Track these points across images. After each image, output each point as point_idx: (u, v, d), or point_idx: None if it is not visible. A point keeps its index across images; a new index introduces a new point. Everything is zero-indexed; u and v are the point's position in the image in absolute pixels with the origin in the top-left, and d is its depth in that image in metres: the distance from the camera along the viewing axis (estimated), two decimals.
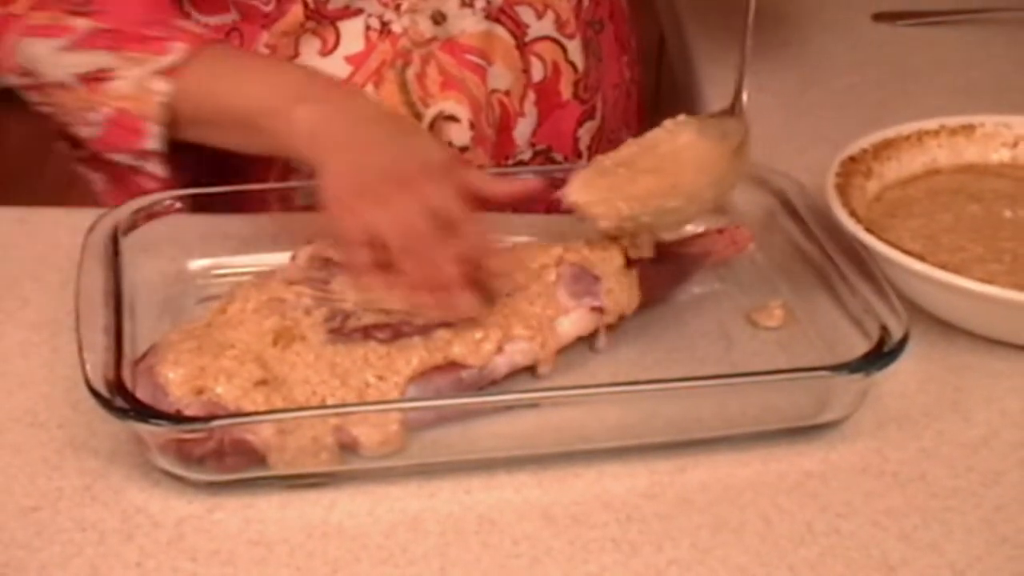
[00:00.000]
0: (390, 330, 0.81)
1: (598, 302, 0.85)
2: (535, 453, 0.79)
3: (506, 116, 1.07)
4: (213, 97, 0.95)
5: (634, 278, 0.87)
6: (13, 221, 1.01)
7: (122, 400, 0.74)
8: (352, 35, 1.03)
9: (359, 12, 1.03)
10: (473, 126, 1.05)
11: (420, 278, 0.82)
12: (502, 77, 1.06)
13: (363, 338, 0.81)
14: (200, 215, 0.95)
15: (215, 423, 0.74)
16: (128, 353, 0.78)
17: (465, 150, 1.05)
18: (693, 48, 1.32)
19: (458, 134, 1.05)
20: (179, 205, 0.93)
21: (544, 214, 0.99)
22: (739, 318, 0.91)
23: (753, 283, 0.94)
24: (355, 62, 1.03)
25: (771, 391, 0.81)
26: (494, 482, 0.77)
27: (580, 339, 0.86)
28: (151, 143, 0.95)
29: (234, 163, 1.02)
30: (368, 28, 1.03)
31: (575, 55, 1.10)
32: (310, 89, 0.93)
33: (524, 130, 1.09)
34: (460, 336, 0.81)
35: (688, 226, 0.95)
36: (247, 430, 0.75)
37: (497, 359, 0.82)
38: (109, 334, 0.78)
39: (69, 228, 0.95)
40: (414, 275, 0.83)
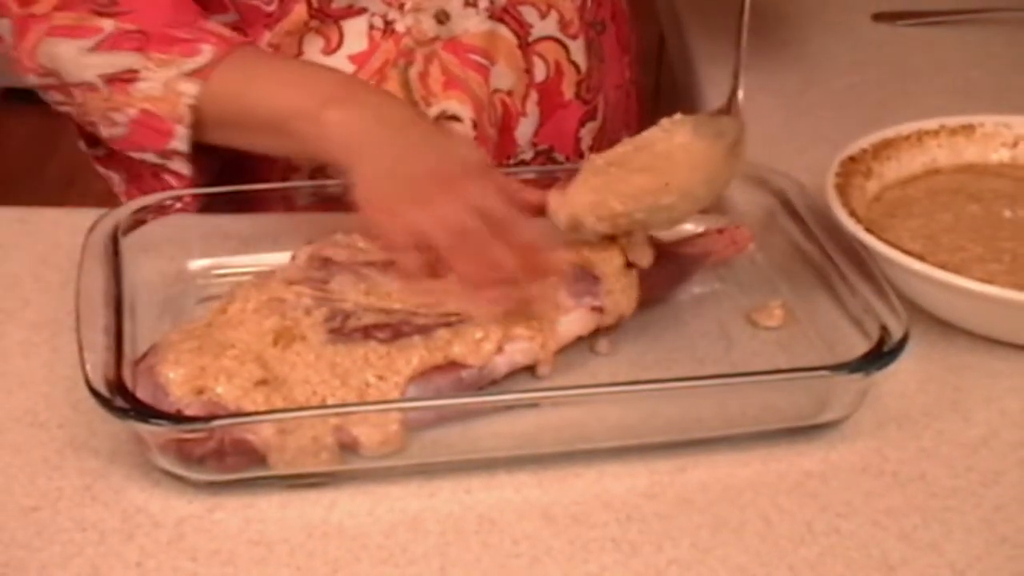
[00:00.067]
0: (390, 330, 0.81)
1: (598, 302, 0.85)
2: (535, 453, 0.79)
3: (508, 116, 1.07)
4: (241, 99, 0.94)
5: (634, 278, 0.88)
6: (13, 221, 1.01)
7: (122, 400, 0.74)
8: (355, 34, 1.03)
9: (363, 11, 1.02)
10: (475, 126, 1.05)
11: (477, 274, 0.83)
12: (505, 77, 1.06)
13: (363, 338, 0.81)
14: (200, 215, 0.95)
15: (215, 423, 0.74)
16: (128, 353, 0.78)
17: None
18: (693, 48, 1.32)
19: (460, 134, 1.05)
20: (179, 205, 0.94)
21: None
22: (739, 318, 0.91)
23: (753, 283, 0.94)
24: (358, 61, 1.03)
25: (771, 391, 0.81)
26: (494, 482, 0.78)
27: (580, 340, 0.86)
28: (177, 144, 0.95)
29: (236, 163, 1.02)
30: (371, 27, 1.03)
31: (578, 55, 1.10)
32: (340, 91, 0.92)
33: (526, 130, 1.09)
34: (460, 336, 0.81)
35: (688, 226, 0.95)
36: (247, 430, 0.75)
37: (497, 359, 0.82)
38: (109, 334, 0.78)
39: (69, 228, 0.95)
40: (469, 273, 0.83)
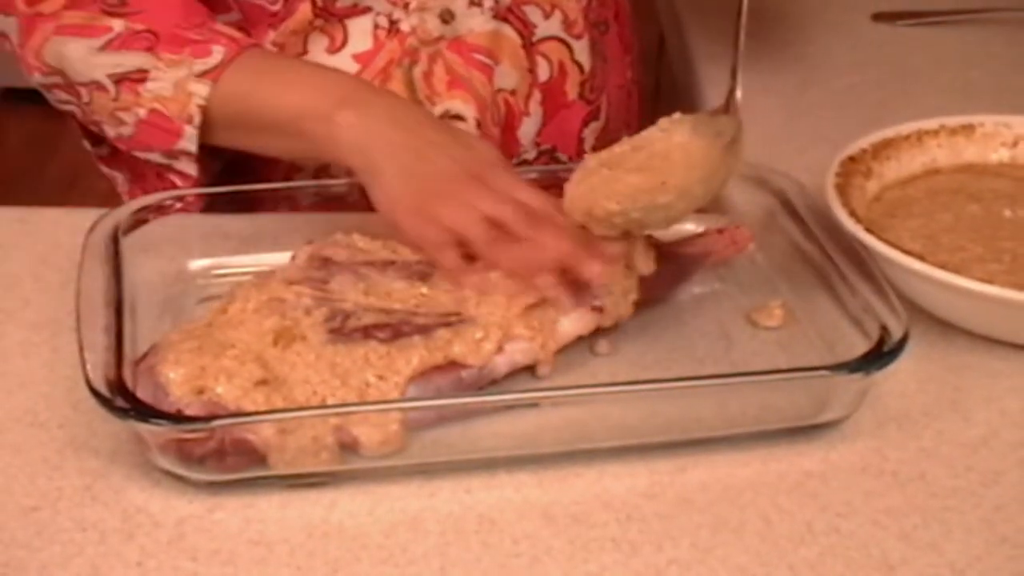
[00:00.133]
0: (390, 330, 0.81)
1: (598, 302, 0.85)
2: (535, 453, 0.79)
3: (511, 116, 1.07)
4: (251, 100, 0.93)
5: (634, 279, 0.87)
6: (13, 221, 1.01)
7: (123, 400, 0.74)
8: (360, 33, 1.03)
9: (367, 10, 1.02)
10: (479, 125, 1.05)
11: (523, 264, 0.83)
12: (508, 76, 1.06)
13: (363, 338, 0.81)
14: (200, 215, 0.95)
15: (216, 423, 0.74)
16: (129, 353, 0.78)
17: None
18: (693, 48, 1.32)
19: None
20: (179, 205, 0.93)
21: None
22: (739, 318, 0.91)
23: (753, 283, 0.94)
24: (363, 60, 1.03)
25: (771, 391, 0.81)
26: (494, 482, 0.78)
27: (580, 340, 0.86)
28: (185, 144, 0.95)
29: (239, 163, 1.02)
30: (376, 26, 1.03)
31: (582, 55, 1.10)
32: (351, 93, 0.91)
33: (529, 130, 1.09)
34: (460, 336, 0.81)
35: (688, 226, 0.95)
36: (248, 430, 0.75)
37: (497, 359, 0.82)
38: (110, 334, 0.78)
39: (70, 228, 0.95)
40: (514, 263, 0.83)
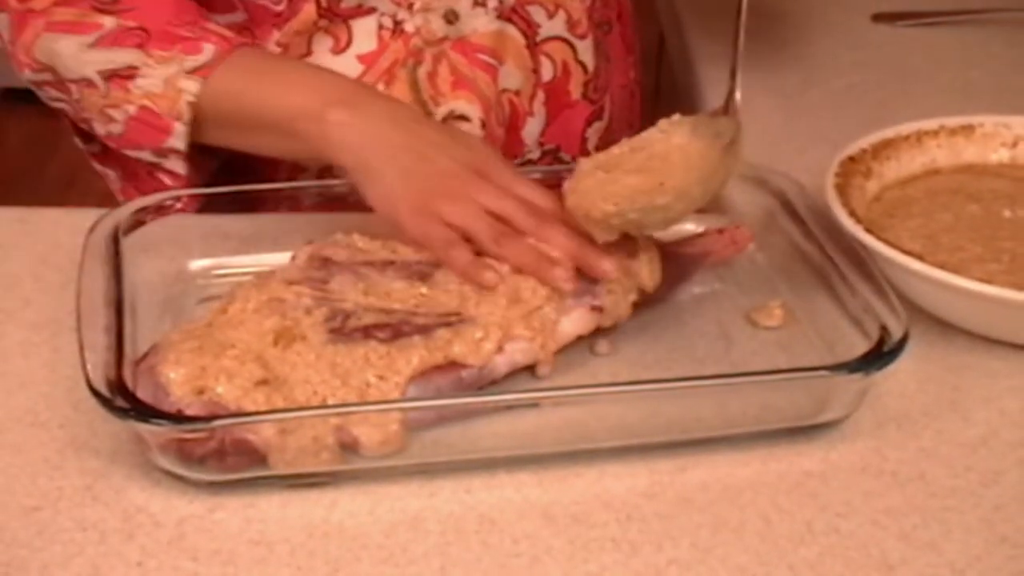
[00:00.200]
0: (390, 330, 0.81)
1: (598, 301, 0.85)
2: (535, 453, 0.79)
3: (515, 116, 1.08)
4: (243, 99, 0.94)
5: (634, 281, 0.87)
6: (14, 221, 1.01)
7: (123, 400, 0.74)
8: (364, 34, 1.03)
9: (372, 11, 1.02)
10: (483, 125, 1.05)
11: (531, 260, 0.83)
12: (513, 76, 1.06)
13: (363, 338, 0.81)
14: (200, 215, 0.95)
15: (216, 423, 0.74)
16: (129, 353, 0.78)
17: None
18: (693, 48, 1.32)
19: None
20: (179, 205, 0.94)
21: None
22: (739, 318, 0.91)
23: (753, 283, 0.94)
24: (367, 61, 1.03)
25: (771, 391, 0.81)
26: (495, 482, 0.78)
27: (580, 340, 0.86)
28: (175, 141, 0.95)
29: (242, 163, 1.02)
30: (380, 27, 1.03)
31: (585, 55, 1.10)
32: (345, 93, 0.92)
33: (533, 130, 1.09)
34: (460, 336, 0.81)
35: (688, 226, 0.95)
36: (248, 430, 0.75)
37: (497, 358, 0.82)
38: (110, 334, 0.79)
39: (70, 228, 0.95)
40: (522, 259, 0.84)
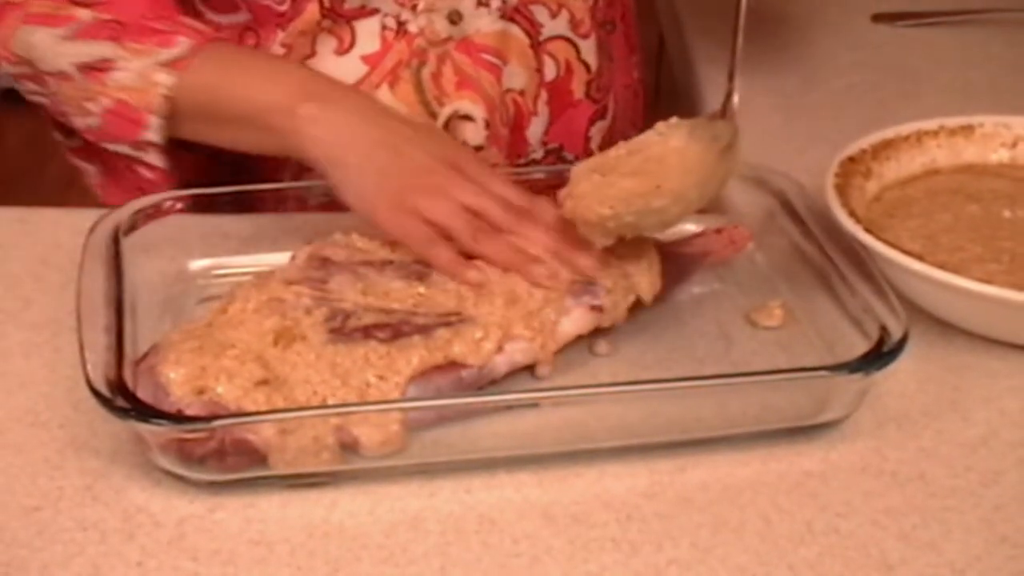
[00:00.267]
0: (390, 330, 0.81)
1: (598, 301, 0.86)
2: (535, 453, 0.79)
3: (520, 115, 1.08)
4: (216, 92, 0.94)
5: (633, 282, 0.87)
6: (14, 221, 1.01)
7: (123, 400, 0.74)
8: (368, 35, 1.03)
9: (375, 12, 1.02)
10: (488, 125, 1.05)
11: (510, 256, 0.83)
12: (517, 76, 1.07)
13: (363, 338, 0.81)
14: (200, 215, 0.95)
15: (216, 423, 0.74)
16: (129, 353, 0.78)
17: (480, 149, 1.05)
18: (692, 49, 1.32)
19: (473, 133, 1.05)
20: (180, 205, 0.94)
21: None
22: (738, 318, 0.91)
23: (752, 283, 0.94)
24: (371, 62, 1.03)
25: (771, 391, 0.81)
26: (495, 482, 0.78)
27: (580, 340, 0.86)
28: (151, 135, 0.95)
29: (245, 163, 1.02)
30: (384, 28, 1.03)
31: (588, 55, 1.10)
32: (318, 88, 0.92)
33: (537, 129, 1.09)
34: (460, 336, 0.81)
35: (688, 226, 0.95)
36: (248, 430, 0.75)
37: (497, 359, 0.82)
38: (110, 334, 0.79)
39: (70, 228, 0.95)
40: (501, 256, 0.84)
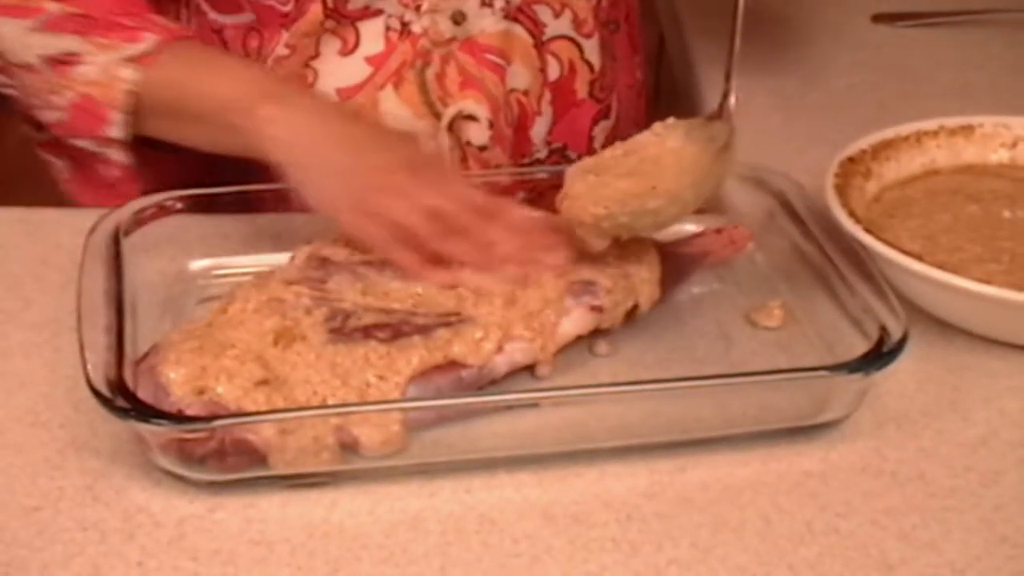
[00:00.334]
0: (390, 330, 0.81)
1: (598, 301, 0.86)
2: (536, 453, 0.79)
3: (524, 115, 1.08)
4: (179, 89, 0.94)
5: (632, 283, 0.87)
6: (14, 221, 1.01)
7: (123, 400, 0.74)
8: (372, 35, 1.03)
9: (379, 12, 1.03)
10: (492, 125, 1.05)
11: (476, 255, 0.84)
12: (520, 76, 1.07)
13: (363, 338, 0.81)
14: (200, 216, 0.95)
15: (216, 423, 0.74)
16: (129, 353, 0.78)
17: (484, 149, 1.06)
18: (692, 49, 1.32)
19: (477, 133, 1.05)
20: (180, 205, 0.94)
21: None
22: (738, 318, 0.91)
23: (752, 283, 0.94)
24: (375, 63, 1.03)
25: (771, 391, 0.81)
26: (495, 482, 0.78)
27: (580, 340, 0.86)
28: (114, 131, 0.95)
29: (246, 163, 1.02)
30: (388, 28, 1.03)
31: (591, 54, 1.10)
32: (277, 88, 0.92)
33: (540, 129, 1.09)
34: (460, 336, 0.82)
35: (687, 226, 0.95)
36: (248, 430, 0.75)
37: (497, 359, 0.82)
38: (110, 334, 0.79)
39: (70, 228, 0.95)
40: (466, 254, 0.84)
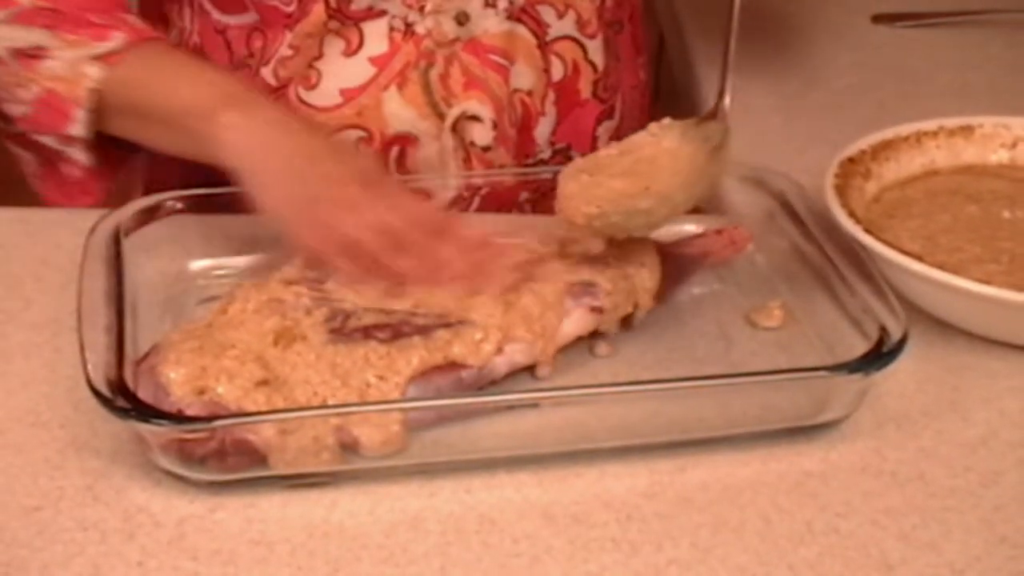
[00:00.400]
0: (390, 330, 0.82)
1: (598, 302, 0.86)
2: (536, 453, 0.79)
3: (528, 116, 1.08)
4: (142, 91, 0.94)
5: (632, 283, 0.88)
6: (15, 222, 1.01)
7: (124, 400, 0.74)
8: (376, 36, 1.03)
9: (383, 13, 1.03)
10: (495, 126, 1.05)
11: (422, 272, 0.83)
12: (524, 76, 1.07)
13: (363, 338, 0.81)
14: (200, 216, 0.95)
15: (217, 423, 0.74)
16: (130, 353, 0.78)
17: (488, 150, 1.06)
18: (692, 49, 1.32)
19: (481, 134, 1.05)
20: (180, 205, 0.94)
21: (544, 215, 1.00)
22: (738, 318, 0.91)
23: (752, 283, 0.94)
24: (379, 63, 1.03)
25: (771, 391, 0.81)
26: (495, 482, 0.78)
27: (580, 341, 0.86)
28: (76, 128, 0.95)
29: None
30: (392, 29, 1.03)
31: (595, 55, 1.10)
32: (239, 95, 0.91)
33: (544, 129, 1.09)
34: (460, 336, 0.82)
35: (688, 226, 0.95)
36: (248, 430, 0.75)
37: (497, 359, 0.82)
38: (111, 334, 0.79)
39: (71, 229, 0.95)
40: (412, 271, 0.83)
